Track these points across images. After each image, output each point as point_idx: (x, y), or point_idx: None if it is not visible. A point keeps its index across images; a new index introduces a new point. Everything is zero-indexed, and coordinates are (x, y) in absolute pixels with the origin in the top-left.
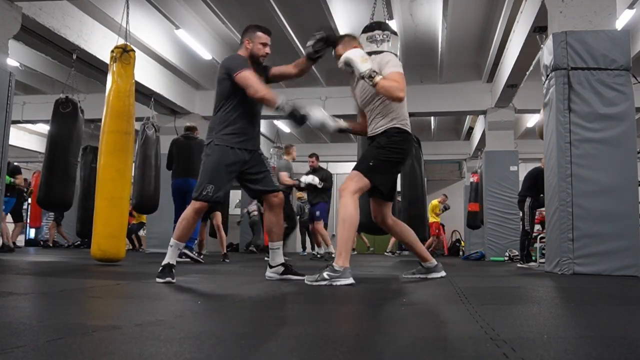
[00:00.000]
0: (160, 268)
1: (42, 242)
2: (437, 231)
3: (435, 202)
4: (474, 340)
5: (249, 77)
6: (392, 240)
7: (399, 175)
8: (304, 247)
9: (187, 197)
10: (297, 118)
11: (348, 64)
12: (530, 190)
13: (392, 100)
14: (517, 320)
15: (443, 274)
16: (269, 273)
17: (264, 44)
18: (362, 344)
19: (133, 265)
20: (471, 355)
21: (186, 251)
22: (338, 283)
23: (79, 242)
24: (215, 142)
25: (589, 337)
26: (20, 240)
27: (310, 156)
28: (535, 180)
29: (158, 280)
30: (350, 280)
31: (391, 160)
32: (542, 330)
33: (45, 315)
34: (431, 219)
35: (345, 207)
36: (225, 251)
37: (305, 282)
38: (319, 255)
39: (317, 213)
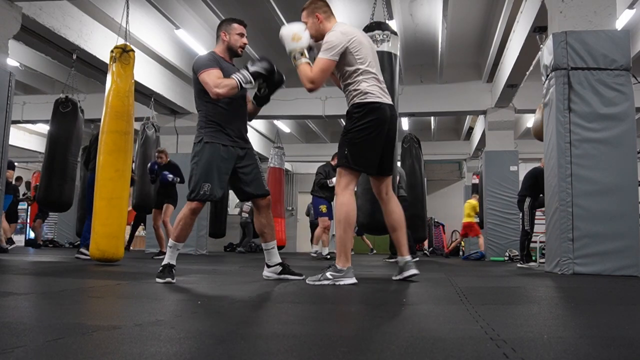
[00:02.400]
0: (160, 268)
1: (41, 242)
2: (466, 232)
3: (474, 201)
4: (474, 340)
5: (206, 78)
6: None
7: (399, 176)
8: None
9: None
10: (262, 75)
11: (282, 38)
12: (529, 190)
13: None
14: (517, 320)
15: (413, 272)
16: (267, 272)
17: (241, 34)
18: (362, 344)
19: (133, 265)
20: (471, 355)
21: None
22: (341, 282)
23: (78, 242)
24: (205, 140)
25: (589, 337)
26: (20, 241)
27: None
28: (535, 180)
29: (158, 280)
30: (353, 280)
31: (362, 140)
32: (542, 330)
33: (45, 315)
34: (466, 218)
35: (341, 206)
36: (163, 249)
37: (307, 282)
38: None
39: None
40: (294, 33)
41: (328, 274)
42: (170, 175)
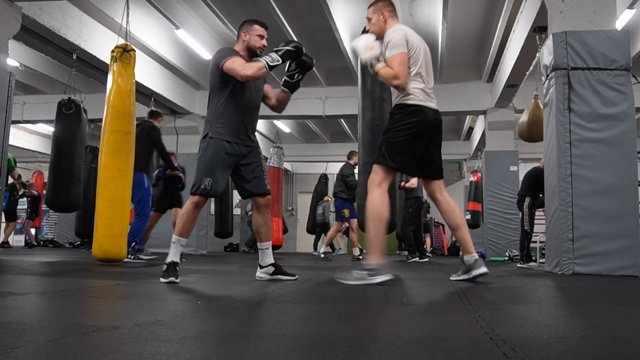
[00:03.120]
0: (165, 267)
1: (41, 242)
2: None
3: None
4: (474, 340)
5: (232, 65)
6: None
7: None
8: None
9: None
10: (292, 54)
11: (354, 52)
12: (529, 190)
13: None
14: (517, 320)
15: (483, 270)
16: (259, 273)
17: (261, 36)
18: (362, 344)
19: (133, 266)
20: (471, 355)
21: (140, 256)
22: (376, 280)
23: (78, 242)
24: (210, 135)
25: (589, 337)
26: (20, 241)
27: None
28: (535, 180)
29: (162, 280)
30: (389, 276)
31: (400, 140)
32: (542, 330)
33: (45, 315)
34: None
35: (372, 203)
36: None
37: (338, 280)
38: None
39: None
40: (366, 43)
41: (360, 272)
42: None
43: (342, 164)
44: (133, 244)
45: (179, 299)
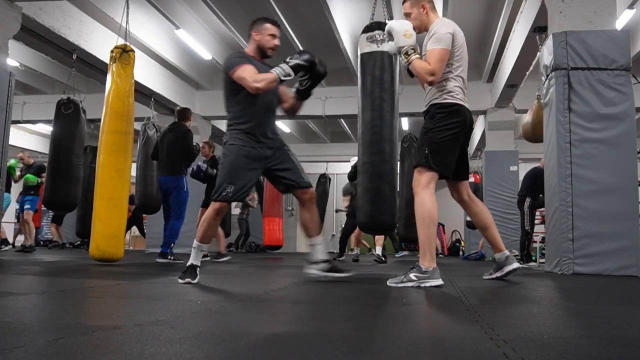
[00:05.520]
0: (184, 269)
1: (41, 242)
2: None
3: None
4: (474, 340)
5: (242, 74)
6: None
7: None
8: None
9: (168, 197)
10: (304, 67)
11: (390, 34)
12: (529, 190)
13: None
14: (517, 320)
15: (515, 265)
16: (312, 270)
17: (273, 35)
18: (362, 344)
19: (133, 265)
20: (471, 355)
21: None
22: (427, 284)
23: (78, 242)
24: (230, 142)
25: (589, 337)
26: (20, 240)
27: None
28: (534, 180)
29: (179, 281)
30: (440, 282)
31: (443, 140)
32: (542, 330)
33: (45, 315)
34: None
35: (422, 204)
36: (222, 250)
37: (389, 284)
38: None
39: None
40: (406, 30)
41: (412, 275)
42: (204, 165)
43: (343, 164)
44: (172, 244)
45: (179, 299)
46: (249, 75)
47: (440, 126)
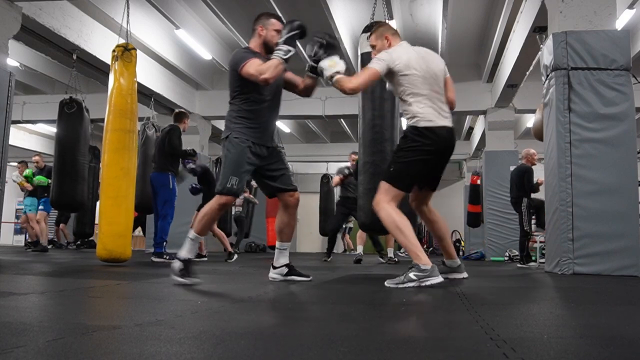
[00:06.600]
0: (181, 265)
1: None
2: None
3: None
4: (474, 340)
5: (249, 69)
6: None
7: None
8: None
9: (155, 195)
10: (300, 32)
11: (322, 73)
12: (522, 190)
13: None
14: (517, 320)
15: (465, 275)
16: (272, 274)
17: (278, 31)
18: (362, 344)
19: (133, 265)
20: (471, 355)
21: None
22: (428, 283)
23: (78, 242)
24: (235, 136)
25: (589, 337)
26: (20, 240)
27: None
28: (521, 180)
29: (181, 280)
30: (440, 279)
31: (410, 162)
32: (542, 330)
33: (45, 315)
34: None
35: (389, 217)
36: (229, 249)
37: (387, 285)
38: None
39: None
40: (330, 61)
41: (412, 275)
42: (191, 165)
43: (342, 164)
44: (165, 243)
45: (178, 299)
46: (254, 69)
47: (409, 147)
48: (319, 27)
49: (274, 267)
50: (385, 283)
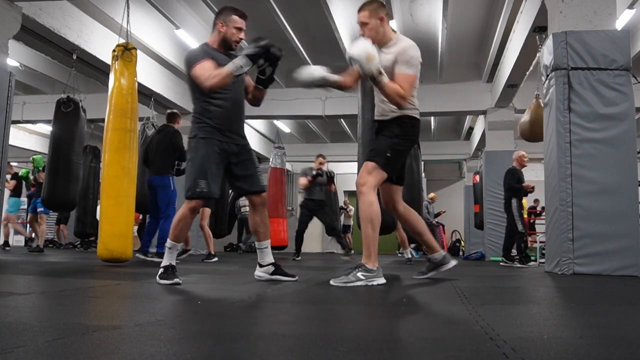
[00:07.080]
0: (162, 270)
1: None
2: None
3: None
4: (474, 340)
5: (198, 72)
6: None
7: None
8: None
9: (156, 197)
10: (261, 53)
11: (355, 62)
12: (511, 191)
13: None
14: (517, 320)
15: (454, 262)
16: (259, 272)
17: (239, 29)
18: (362, 344)
19: (133, 265)
20: (471, 355)
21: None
22: (374, 282)
23: (78, 243)
24: (200, 135)
25: (589, 337)
26: (19, 240)
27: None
28: (510, 181)
29: (164, 282)
30: (383, 280)
31: (403, 149)
32: (542, 330)
33: (45, 315)
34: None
35: (370, 205)
36: (211, 250)
37: (332, 283)
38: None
39: None
40: (367, 54)
41: (359, 274)
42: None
43: (343, 163)
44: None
45: (178, 299)
46: (201, 73)
47: (405, 135)
48: (319, 27)
49: (261, 266)
50: (331, 282)
